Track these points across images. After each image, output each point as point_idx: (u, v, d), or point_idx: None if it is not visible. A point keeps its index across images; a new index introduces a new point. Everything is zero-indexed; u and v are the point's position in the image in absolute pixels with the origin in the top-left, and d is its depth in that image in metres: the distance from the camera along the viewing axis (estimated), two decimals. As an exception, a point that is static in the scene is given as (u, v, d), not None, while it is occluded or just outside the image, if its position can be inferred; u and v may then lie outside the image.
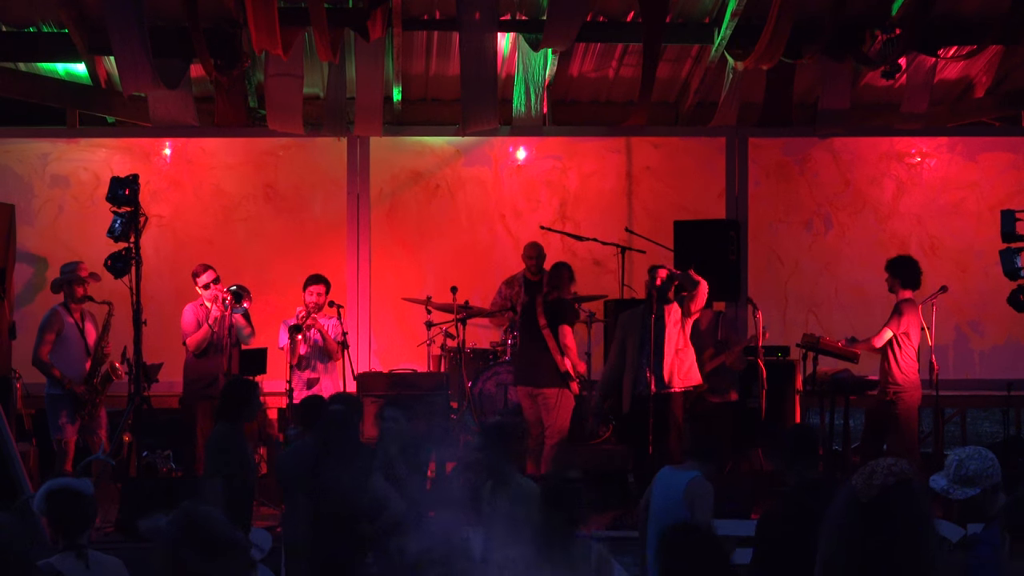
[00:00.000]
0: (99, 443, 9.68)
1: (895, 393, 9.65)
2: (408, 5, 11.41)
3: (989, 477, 4.77)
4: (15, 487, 8.39)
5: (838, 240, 12.23)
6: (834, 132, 12.10)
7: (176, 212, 11.91)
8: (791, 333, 11.34)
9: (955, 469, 4.80)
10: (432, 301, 10.88)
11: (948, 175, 12.30)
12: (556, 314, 9.54)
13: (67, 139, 12.03)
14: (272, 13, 10.00)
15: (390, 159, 12.06)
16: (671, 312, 9.24)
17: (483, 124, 11.54)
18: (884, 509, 3.25)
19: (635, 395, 9.18)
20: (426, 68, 12.68)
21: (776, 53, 10.96)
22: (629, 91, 12.74)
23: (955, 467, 4.80)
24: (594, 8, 11.49)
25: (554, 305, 9.58)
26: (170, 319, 10.61)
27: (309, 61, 11.52)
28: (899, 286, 9.80)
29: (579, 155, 12.22)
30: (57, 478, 5.62)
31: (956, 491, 4.77)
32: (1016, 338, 12.02)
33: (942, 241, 12.20)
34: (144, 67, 10.44)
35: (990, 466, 4.79)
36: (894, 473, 4.42)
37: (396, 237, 12.05)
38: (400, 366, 11.23)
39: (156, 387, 10.23)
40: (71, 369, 9.74)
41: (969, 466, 4.77)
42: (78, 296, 9.84)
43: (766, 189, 12.25)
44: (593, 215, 12.10)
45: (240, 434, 7.35)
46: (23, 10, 11.50)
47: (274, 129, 11.62)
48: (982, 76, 12.95)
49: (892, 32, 11.00)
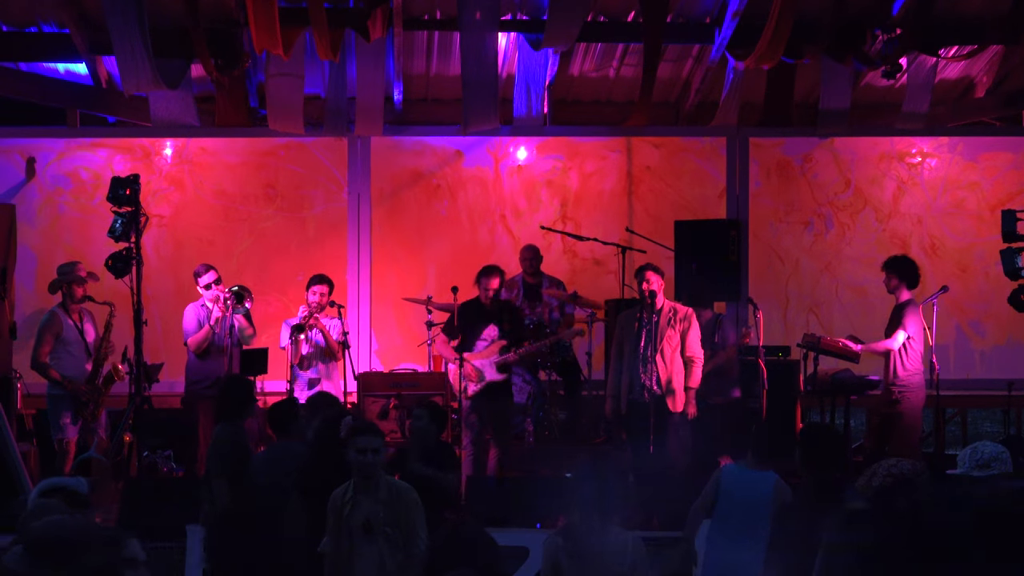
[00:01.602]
0: (98, 442, 9.67)
1: (900, 393, 9.66)
2: (408, 5, 11.41)
3: (1003, 462, 5.03)
4: (16, 487, 8.40)
5: (839, 240, 12.22)
6: (835, 132, 12.09)
7: (176, 212, 11.90)
8: (791, 333, 11.34)
9: (970, 455, 5.06)
10: (432, 301, 10.88)
11: (949, 175, 12.30)
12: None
13: (67, 139, 12.02)
14: (272, 13, 10.00)
15: (390, 159, 12.06)
16: (665, 312, 9.19)
17: (484, 124, 11.54)
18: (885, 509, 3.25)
19: (631, 399, 9.15)
20: (427, 68, 12.68)
21: (777, 53, 10.96)
22: (629, 91, 12.74)
23: (970, 453, 5.08)
24: (595, 8, 11.49)
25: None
26: (171, 319, 10.61)
27: (310, 61, 11.52)
28: (902, 287, 9.79)
29: (580, 155, 12.22)
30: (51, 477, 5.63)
31: (975, 474, 5.00)
32: (1017, 338, 12.02)
33: (943, 241, 12.20)
34: (144, 67, 10.43)
35: (1003, 451, 5.08)
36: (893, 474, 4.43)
37: (396, 237, 12.05)
38: (400, 366, 11.24)
39: (157, 387, 10.24)
40: (73, 370, 9.72)
41: (984, 451, 5.06)
42: (77, 297, 9.81)
43: (766, 189, 12.25)
44: (593, 215, 12.10)
45: (243, 433, 7.36)
46: (23, 10, 11.51)
47: (275, 129, 11.62)
48: (983, 76, 12.95)
49: (893, 32, 11.00)
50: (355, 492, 5.94)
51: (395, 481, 6.11)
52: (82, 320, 9.89)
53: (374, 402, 10.19)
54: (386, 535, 5.83)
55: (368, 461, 5.88)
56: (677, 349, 9.13)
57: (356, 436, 5.95)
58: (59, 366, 9.69)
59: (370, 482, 5.91)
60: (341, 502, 5.94)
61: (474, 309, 9.64)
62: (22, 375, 10.13)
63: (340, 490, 6.00)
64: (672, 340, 9.12)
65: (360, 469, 5.91)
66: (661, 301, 9.16)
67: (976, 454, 5.03)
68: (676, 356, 9.13)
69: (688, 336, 9.17)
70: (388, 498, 5.91)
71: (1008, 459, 5.06)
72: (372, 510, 5.86)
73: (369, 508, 5.87)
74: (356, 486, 5.95)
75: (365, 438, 5.91)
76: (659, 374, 9.05)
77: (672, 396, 9.10)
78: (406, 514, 5.91)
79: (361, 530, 5.84)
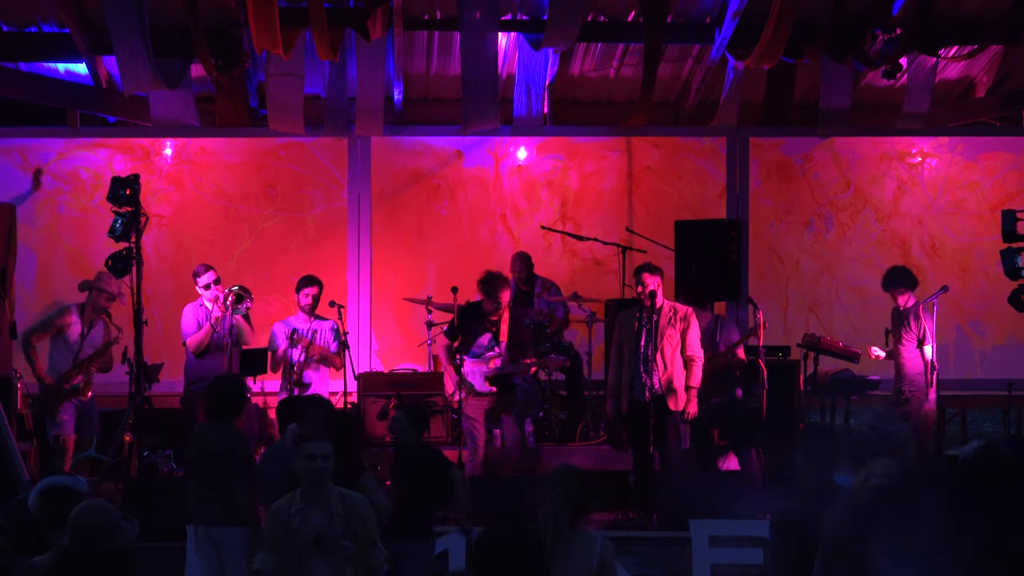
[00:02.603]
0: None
1: (910, 392, 9.75)
2: (409, 5, 11.41)
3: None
4: (16, 487, 8.39)
5: (839, 240, 12.23)
6: (835, 132, 12.09)
7: (176, 212, 11.90)
8: (791, 333, 11.34)
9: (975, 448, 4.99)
10: (432, 301, 10.87)
11: (949, 175, 12.30)
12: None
13: (67, 139, 12.02)
14: (272, 13, 10.00)
15: (390, 159, 12.06)
16: (665, 312, 9.19)
17: (484, 124, 11.54)
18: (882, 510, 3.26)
19: (631, 399, 9.15)
20: (427, 68, 12.68)
21: (777, 53, 10.96)
22: (630, 91, 12.74)
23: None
24: (595, 8, 11.49)
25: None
26: (171, 319, 10.61)
27: (310, 61, 11.52)
28: (909, 294, 9.88)
29: (580, 155, 12.22)
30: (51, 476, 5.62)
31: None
32: (1017, 338, 12.02)
33: (943, 241, 12.20)
34: (144, 67, 10.43)
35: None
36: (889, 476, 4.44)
37: (396, 237, 12.05)
38: (400, 366, 11.24)
39: (157, 387, 10.23)
40: (52, 369, 9.80)
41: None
42: (100, 306, 9.88)
43: (766, 189, 12.25)
44: (594, 215, 12.10)
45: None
46: (23, 10, 11.51)
47: (275, 129, 11.62)
48: (983, 76, 12.95)
49: (893, 32, 11.01)
50: (303, 503, 5.63)
51: (345, 491, 5.77)
52: (92, 327, 9.91)
53: (374, 402, 10.19)
54: (345, 550, 5.53)
55: (318, 468, 5.59)
56: (677, 348, 9.13)
57: (305, 442, 5.69)
58: (52, 361, 9.78)
59: (320, 491, 5.61)
60: (287, 514, 5.61)
61: (475, 313, 9.64)
62: (22, 375, 10.13)
63: (284, 501, 5.69)
64: (672, 339, 9.11)
65: (309, 476, 5.61)
66: (660, 300, 9.16)
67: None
68: (676, 355, 9.13)
69: (688, 335, 9.17)
70: (341, 510, 5.62)
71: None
72: (323, 523, 5.57)
73: (320, 521, 5.57)
74: (305, 496, 5.63)
75: (315, 444, 5.63)
76: (659, 374, 9.05)
77: (673, 395, 9.11)
78: (362, 525, 5.63)
79: (312, 545, 5.53)
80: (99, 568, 4.38)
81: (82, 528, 4.41)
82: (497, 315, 9.53)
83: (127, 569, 4.47)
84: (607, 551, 5.47)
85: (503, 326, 9.56)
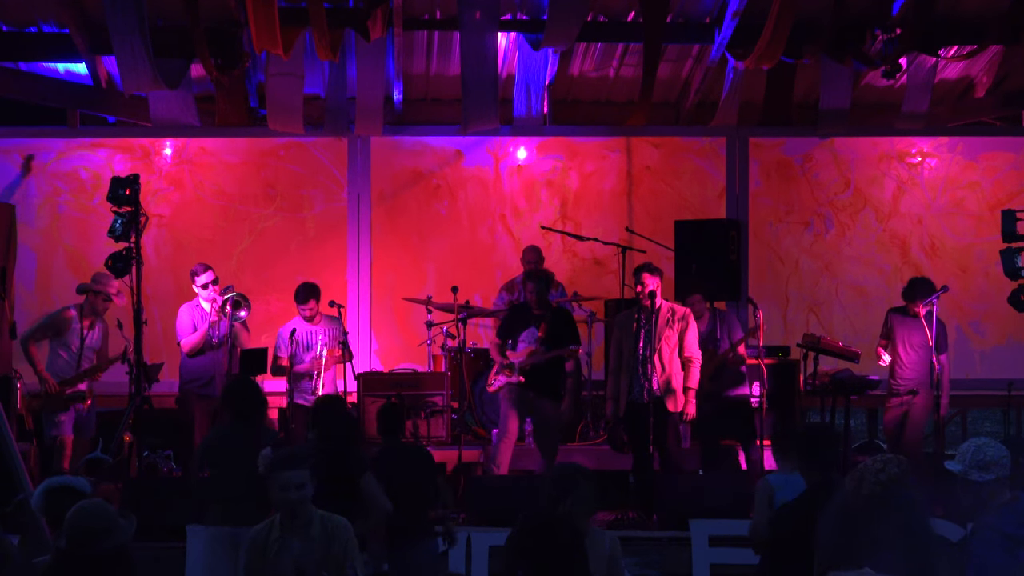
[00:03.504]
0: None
1: (919, 387, 9.93)
2: (408, 5, 11.41)
3: (1003, 466, 4.97)
4: (16, 487, 8.38)
5: (839, 240, 12.23)
6: (834, 132, 12.09)
7: (176, 212, 11.90)
8: (791, 333, 11.35)
9: (972, 454, 4.98)
10: (432, 301, 10.88)
11: (949, 175, 12.30)
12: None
13: (67, 139, 12.02)
14: (272, 13, 10.00)
15: (390, 159, 12.06)
16: (664, 312, 9.18)
17: (483, 124, 11.54)
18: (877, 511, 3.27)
19: (630, 400, 9.16)
20: (426, 68, 12.68)
21: (776, 53, 10.96)
22: (629, 91, 12.74)
23: (972, 452, 4.99)
24: (594, 8, 11.49)
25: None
26: (171, 319, 10.60)
27: (309, 61, 11.52)
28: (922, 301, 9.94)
29: (579, 155, 12.22)
30: (55, 476, 5.63)
31: (973, 474, 4.94)
32: (1016, 338, 12.02)
33: (942, 241, 12.20)
34: (144, 67, 10.43)
35: (1004, 455, 5.00)
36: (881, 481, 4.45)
37: (396, 237, 12.05)
38: (400, 366, 11.24)
39: (157, 387, 10.21)
40: (62, 371, 9.83)
41: (987, 452, 4.97)
42: (98, 310, 9.91)
43: (766, 189, 12.25)
44: (593, 215, 12.10)
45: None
46: (23, 10, 11.51)
47: (274, 129, 11.62)
48: (983, 76, 12.95)
49: (892, 32, 11.00)
50: (282, 532, 5.33)
51: (327, 515, 5.43)
52: (91, 328, 9.91)
53: (374, 402, 10.17)
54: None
55: (293, 499, 5.27)
56: (675, 349, 9.14)
57: (278, 471, 5.32)
58: (50, 364, 9.80)
59: (299, 521, 5.32)
60: (265, 543, 5.33)
61: (522, 311, 9.70)
62: (22, 375, 10.13)
63: (262, 528, 5.41)
64: (670, 340, 9.12)
65: (285, 507, 5.30)
66: (659, 301, 9.16)
67: (979, 453, 4.96)
68: (674, 356, 9.14)
69: (686, 336, 9.18)
70: (322, 535, 5.34)
71: (1008, 463, 5.00)
72: (303, 551, 5.29)
73: (299, 549, 5.30)
74: (283, 525, 5.33)
75: (288, 473, 5.28)
76: (658, 375, 9.05)
77: (671, 396, 9.11)
78: (343, 552, 5.34)
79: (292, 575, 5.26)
80: (97, 568, 4.39)
81: (78, 531, 4.43)
82: (541, 309, 9.55)
83: (125, 567, 4.48)
84: (615, 548, 5.56)
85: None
